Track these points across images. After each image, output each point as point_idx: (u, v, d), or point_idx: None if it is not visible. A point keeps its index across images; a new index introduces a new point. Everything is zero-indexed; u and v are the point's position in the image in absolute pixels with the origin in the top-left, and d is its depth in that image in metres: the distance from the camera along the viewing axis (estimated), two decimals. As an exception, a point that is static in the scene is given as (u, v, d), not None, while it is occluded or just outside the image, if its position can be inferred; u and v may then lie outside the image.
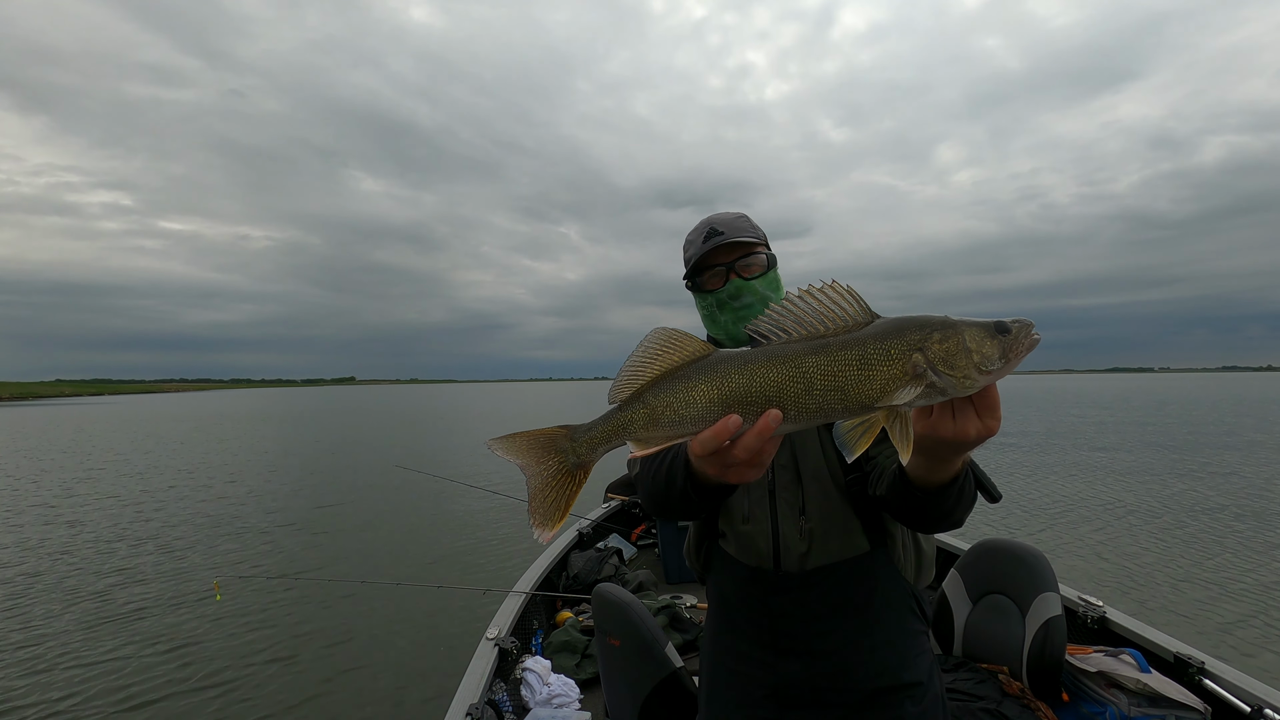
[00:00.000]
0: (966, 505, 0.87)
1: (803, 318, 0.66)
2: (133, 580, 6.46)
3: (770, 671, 1.10)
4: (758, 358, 0.66)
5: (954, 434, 0.66)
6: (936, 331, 0.63)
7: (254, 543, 7.94)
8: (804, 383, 0.64)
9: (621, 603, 1.86)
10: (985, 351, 0.62)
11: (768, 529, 1.11)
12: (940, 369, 0.62)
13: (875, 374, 0.63)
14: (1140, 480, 11.38)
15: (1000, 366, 0.62)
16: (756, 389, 0.64)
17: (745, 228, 1.16)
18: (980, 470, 0.91)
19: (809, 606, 1.08)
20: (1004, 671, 2.24)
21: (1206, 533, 7.70)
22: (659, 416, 0.67)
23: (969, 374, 0.62)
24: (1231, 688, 2.06)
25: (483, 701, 2.22)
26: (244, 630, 5.14)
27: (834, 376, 0.63)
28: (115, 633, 5.13)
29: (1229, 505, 9.19)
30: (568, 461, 0.70)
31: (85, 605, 5.75)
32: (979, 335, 0.63)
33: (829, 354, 0.64)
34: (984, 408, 0.65)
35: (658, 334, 0.69)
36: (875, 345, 0.64)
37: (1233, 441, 17.37)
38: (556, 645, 3.08)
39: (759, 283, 1.15)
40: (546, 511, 0.70)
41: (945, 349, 0.62)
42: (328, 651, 4.74)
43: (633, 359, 0.69)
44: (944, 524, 0.90)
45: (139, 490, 11.74)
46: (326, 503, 10.36)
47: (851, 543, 1.08)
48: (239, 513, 9.64)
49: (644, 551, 4.77)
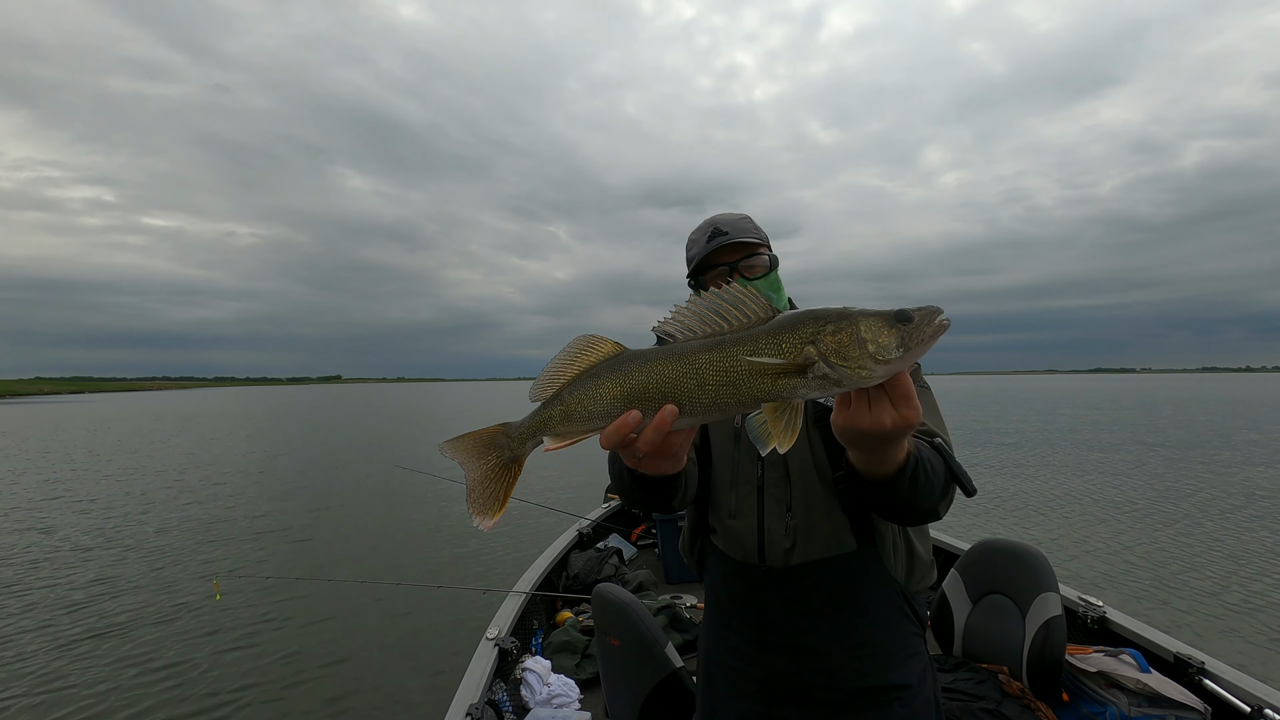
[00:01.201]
0: (929, 496, 0.86)
1: (705, 316, 0.69)
2: (132, 580, 6.46)
3: (759, 666, 1.12)
4: (657, 356, 0.69)
5: (871, 424, 0.67)
6: (830, 324, 0.64)
7: (253, 543, 7.94)
8: (698, 378, 0.66)
9: (621, 603, 1.86)
10: (881, 341, 0.62)
11: (753, 524, 1.12)
12: (833, 361, 0.63)
13: (766, 368, 0.64)
14: (1139, 480, 11.39)
15: (899, 356, 0.62)
16: (654, 385, 0.67)
17: (749, 228, 1.17)
18: (956, 463, 0.91)
19: (794, 603, 1.09)
20: (1004, 671, 2.24)
21: (1206, 533, 7.71)
22: (572, 413, 0.71)
23: (864, 364, 0.62)
24: (1231, 688, 2.06)
25: (483, 701, 2.22)
26: (244, 630, 5.14)
27: (727, 372, 0.65)
28: (115, 632, 5.13)
29: (1228, 505, 9.20)
30: (504, 456, 0.76)
31: (85, 606, 5.75)
32: (875, 325, 0.63)
33: (723, 350, 0.66)
34: (897, 397, 0.66)
35: (578, 339, 0.74)
36: (768, 340, 0.65)
37: (1229, 442, 17.38)
38: (556, 645, 3.08)
39: (761, 283, 1.15)
40: (486, 502, 0.75)
41: (838, 340, 0.63)
42: (328, 651, 4.74)
43: (554, 361, 0.74)
44: (912, 515, 0.90)
45: (125, 492, 11.59)
46: (326, 503, 10.35)
47: (837, 540, 1.07)
48: (236, 514, 9.62)
49: (644, 551, 4.77)
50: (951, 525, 8.12)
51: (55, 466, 15.23)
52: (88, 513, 9.72)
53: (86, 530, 8.60)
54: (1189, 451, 15.36)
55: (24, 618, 5.44)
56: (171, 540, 8.05)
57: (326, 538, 8.19)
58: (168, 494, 11.28)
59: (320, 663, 4.56)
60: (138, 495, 11.17)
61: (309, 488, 11.86)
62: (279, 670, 4.46)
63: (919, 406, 0.67)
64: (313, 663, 4.57)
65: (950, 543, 3.66)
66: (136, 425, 30.49)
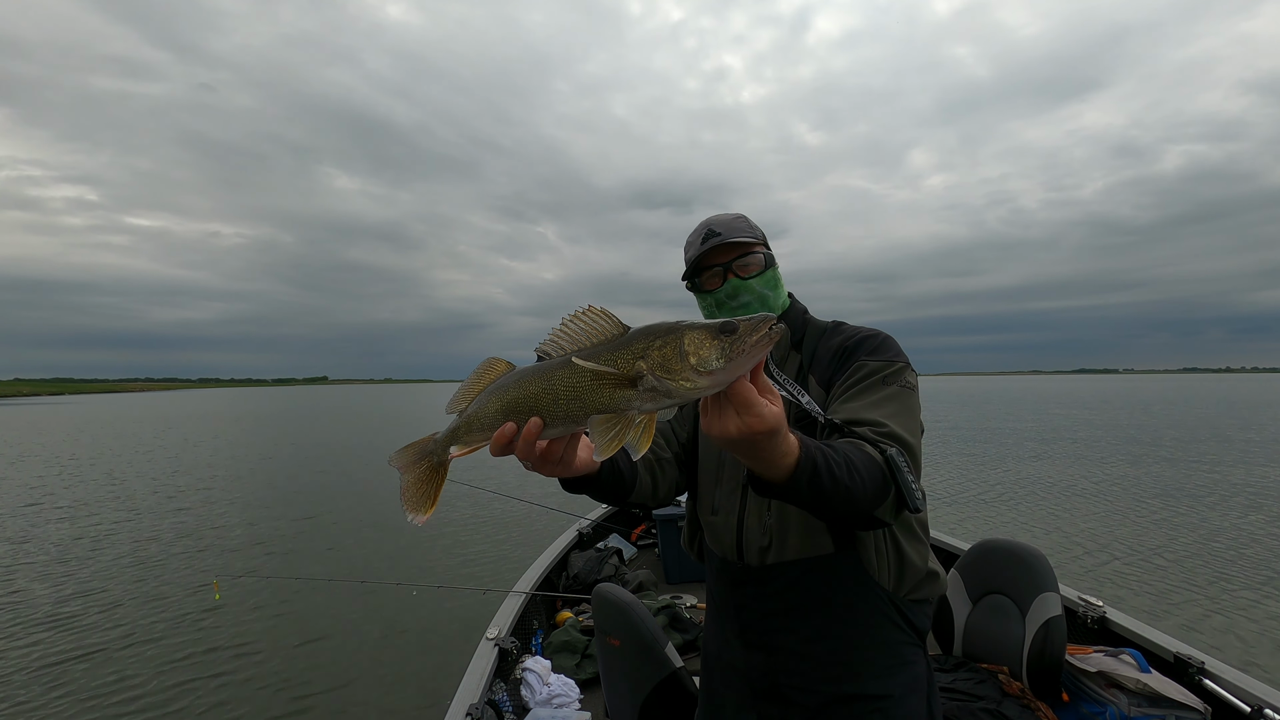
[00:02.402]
0: (843, 500, 0.81)
1: (574, 335, 0.75)
2: (130, 581, 6.47)
3: (742, 658, 1.14)
4: (526, 374, 0.76)
5: (720, 432, 0.69)
6: (659, 338, 0.68)
7: (251, 544, 7.95)
8: (552, 394, 0.73)
9: (621, 603, 1.86)
10: (703, 354, 0.65)
11: (733, 521, 1.14)
12: (659, 374, 0.67)
13: (604, 383, 0.69)
14: (1138, 480, 11.39)
15: (721, 367, 0.65)
16: (522, 400, 0.75)
17: (742, 228, 1.18)
18: (902, 476, 0.86)
19: (767, 601, 1.10)
20: (1004, 671, 2.24)
21: (1206, 532, 7.71)
22: (472, 424, 0.80)
23: (688, 376, 0.66)
24: (1231, 688, 2.06)
25: (483, 701, 2.22)
26: (244, 630, 5.15)
27: (574, 388, 0.71)
28: (116, 632, 5.13)
29: (1228, 505, 9.20)
30: (432, 461, 0.85)
31: (83, 606, 5.75)
32: (698, 338, 0.66)
33: (571, 367, 0.71)
34: (739, 405, 0.67)
35: (484, 361, 0.84)
36: (607, 356, 0.70)
37: (1226, 442, 17.38)
38: (556, 645, 3.08)
39: (756, 282, 1.16)
40: (416, 500, 0.84)
41: (663, 355, 0.67)
42: (328, 651, 4.75)
43: (466, 380, 0.84)
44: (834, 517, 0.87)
45: (112, 496, 11.54)
46: (323, 503, 10.36)
47: (814, 542, 1.06)
48: (231, 515, 9.61)
49: (644, 551, 4.77)
50: (952, 525, 8.13)
51: (36, 470, 14.83)
52: (74, 519, 9.60)
53: (78, 533, 8.59)
54: (1186, 451, 15.37)
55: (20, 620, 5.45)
56: (167, 541, 8.04)
57: (325, 538, 8.19)
58: (156, 498, 11.12)
59: (320, 662, 4.57)
60: (125, 499, 11.03)
61: (305, 489, 11.84)
62: (279, 670, 4.47)
63: (764, 414, 0.67)
64: (313, 662, 4.57)
65: (950, 543, 3.66)
66: (120, 427, 30.14)
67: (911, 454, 0.93)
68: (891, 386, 1.01)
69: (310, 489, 11.76)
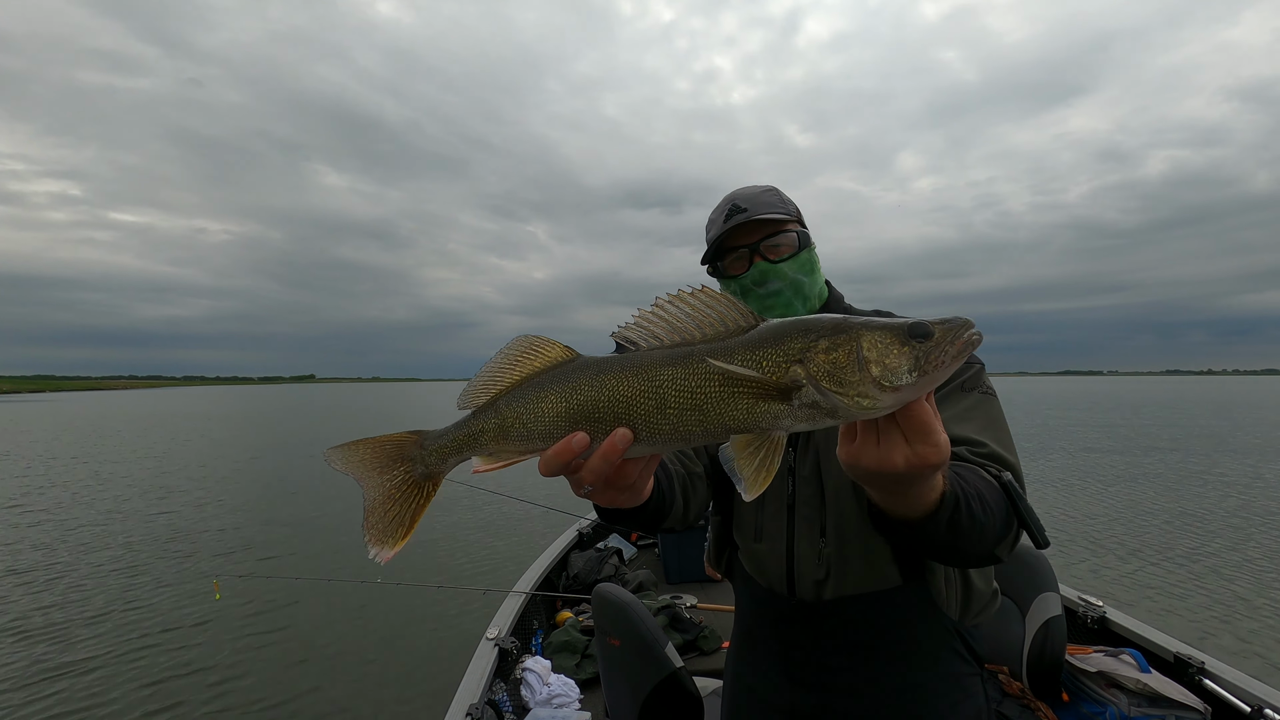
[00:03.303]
0: (977, 540, 0.71)
1: (677, 322, 0.57)
2: (126, 581, 6.46)
3: (785, 698, 1.00)
4: (613, 367, 0.56)
5: (878, 464, 0.55)
6: (824, 338, 0.52)
7: (248, 544, 7.94)
8: (658, 399, 0.54)
9: (621, 603, 1.86)
10: (889, 363, 0.50)
11: (781, 549, 0.98)
12: (826, 385, 0.50)
13: (742, 390, 0.52)
14: (1138, 480, 11.38)
15: (913, 381, 0.50)
16: (606, 403, 0.55)
17: (772, 202, 1.00)
18: (1025, 505, 0.76)
19: (825, 640, 0.96)
20: (1004, 671, 2.24)
21: (1205, 532, 7.70)
22: (509, 428, 0.58)
23: (865, 391, 0.50)
24: (1231, 688, 2.06)
25: (483, 701, 2.22)
26: (244, 629, 5.14)
27: (692, 394, 0.53)
28: (115, 632, 5.13)
29: (1227, 505, 9.19)
30: (415, 471, 0.62)
31: (82, 606, 5.75)
32: (882, 342, 0.51)
33: (689, 366, 0.53)
34: (912, 431, 0.53)
35: (520, 339, 0.61)
36: (746, 354, 0.53)
37: (1223, 442, 17.38)
38: (556, 645, 3.08)
39: (788, 265, 0.99)
40: (387, 527, 0.60)
41: (832, 360, 0.51)
42: (329, 651, 4.74)
43: (490, 364, 0.61)
44: (956, 559, 0.77)
45: (101, 496, 11.35)
46: (321, 503, 10.32)
47: (878, 574, 0.93)
48: (226, 514, 9.57)
49: (644, 551, 4.77)
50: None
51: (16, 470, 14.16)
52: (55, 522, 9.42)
53: (61, 536, 8.54)
54: (1183, 452, 15.36)
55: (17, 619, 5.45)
56: (159, 542, 8.01)
57: (323, 538, 8.18)
58: (145, 500, 10.86)
59: (320, 662, 4.56)
60: (109, 500, 10.67)
61: (298, 489, 11.76)
62: (279, 669, 4.46)
63: (941, 444, 0.54)
64: (313, 662, 4.57)
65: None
66: (104, 425, 29.61)
67: (1019, 479, 0.80)
68: (972, 394, 0.89)
69: (303, 489, 11.69)
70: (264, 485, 12.19)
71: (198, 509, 9.84)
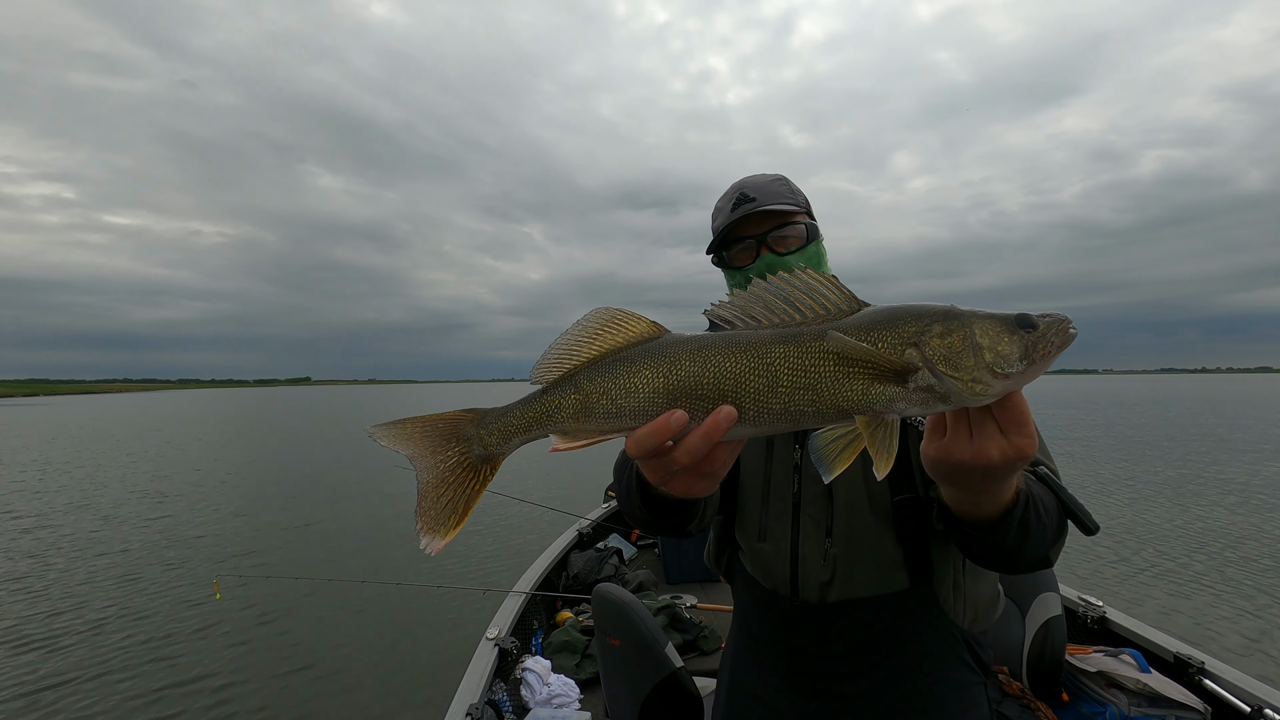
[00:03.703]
0: (1039, 541, 0.70)
1: (773, 303, 0.55)
2: (125, 581, 6.46)
3: (788, 704, 0.98)
4: (716, 343, 0.54)
5: (972, 456, 0.55)
6: (938, 323, 0.52)
7: (248, 544, 7.94)
8: (769, 376, 0.52)
9: (621, 603, 1.86)
10: (1001, 350, 0.50)
11: (786, 550, 0.95)
12: (942, 369, 0.50)
13: (857, 372, 0.51)
14: (1137, 479, 11.37)
15: (1021, 370, 0.50)
16: (710, 380, 0.53)
17: (781, 192, 0.98)
18: (1069, 495, 0.74)
19: (830, 644, 0.93)
20: (1004, 671, 2.24)
21: (1206, 532, 7.70)
22: (593, 405, 0.55)
23: (979, 377, 0.50)
24: (1231, 688, 2.06)
25: (483, 701, 2.22)
26: (244, 630, 5.14)
27: (806, 372, 0.51)
28: (114, 633, 5.13)
29: (1227, 504, 9.19)
30: (471, 452, 0.57)
31: (79, 612, 5.75)
32: (994, 329, 0.51)
33: (801, 344, 0.52)
34: (1008, 422, 0.53)
35: (599, 311, 0.58)
36: (859, 337, 0.52)
37: (1220, 442, 17.36)
38: (556, 645, 3.08)
39: (795, 258, 0.97)
40: (440, 514, 0.56)
41: (948, 344, 0.51)
42: (328, 651, 4.74)
43: (566, 336, 0.57)
44: (1016, 564, 0.74)
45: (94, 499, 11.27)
46: (321, 504, 10.34)
47: (886, 576, 0.91)
48: (225, 516, 9.55)
49: (644, 551, 4.77)
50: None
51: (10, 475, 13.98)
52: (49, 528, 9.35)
53: (54, 542, 8.54)
54: (1182, 450, 15.35)
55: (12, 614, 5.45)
56: (163, 548, 8.00)
57: (323, 539, 8.18)
58: (144, 504, 10.75)
59: (321, 662, 4.56)
60: (105, 504, 10.55)
61: (297, 491, 11.74)
62: (279, 669, 4.46)
63: (1035, 435, 0.54)
64: (313, 662, 4.57)
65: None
66: (99, 428, 29.35)
67: (1056, 474, 0.79)
68: None
69: (303, 491, 11.68)
70: (262, 488, 12.16)
71: (196, 512, 9.84)
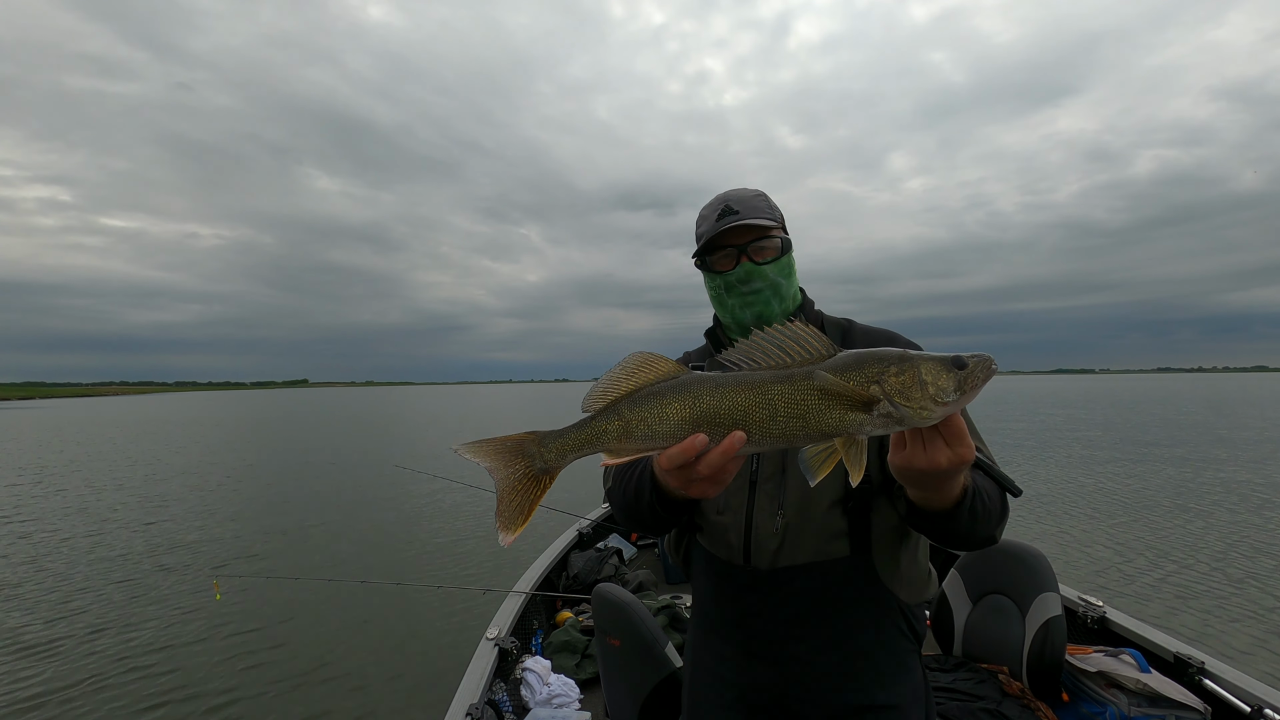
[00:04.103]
0: (988, 522, 0.87)
1: (769, 350, 0.72)
2: (124, 581, 6.47)
3: (741, 674, 1.08)
4: (729, 382, 0.71)
5: (927, 464, 0.71)
6: (894, 365, 0.68)
7: (252, 544, 7.94)
8: (769, 409, 0.69)
9: (621, 603, 1.86)
10: (940, 384, 0.67)
11: (742, 520, 1.06)
12: (897, 400, 0.67)
13: (835, 404, 0.68)
14: (1137, 479, 11.38)
15: (956, 399, 0.67)
16: (725, 411, 0.70)
17: (762, 208, 1.10)
18: (997, 470, 0.92)
19: (778, 608, 1.04)
20: (1004, 671, 2.24)
21: (1206, 531, 7.70)
22: (633, 429, 0.72)
23: (925, 405, 0.67)
24: (1231, 688, 2.06)
25: (483, 701, 2.22)
26: (244, 629, 5.14)
27: (797, 404, 0.69)
28: (115, 632, 5.13)
29: (1228, 504, 9.19)
30: (534, 466, 0.75)
31: (80, 607, 5.75)
32: (935, 369, 0.67)
33: (794, 382, 0.69)
34: (951, 437, 0.70)
35: (635, 355, 0.76)
36: (836, 376, 0.69)
37: (1221, 442, 17.36)
38: (556, 645, 3.08)
39: (771, 268, 1.09)
40: (511, 515, 0.74)
41: (902, 381, 0.67)
42: (328, 651, 4.74)
43: (610, 374, 0.75)
44: (969, 543, 0.90)
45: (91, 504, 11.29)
46: (320, 505, 10.33)
47: (829, 545, 1.02)
48: (225, 516, 9.53)
49: (644, 551, 4.77)
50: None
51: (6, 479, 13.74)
52: (47, 532, 9.38)
53: (51, 548, 8.56)
54: (1183, 450, 15.35)
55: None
56: (162, 552, 7.99)
57: (324, 538, 8.18)
58: (145, 505, 10.73)
59: (320, 662, 4.56)
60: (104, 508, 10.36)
61: (297, 493, 11.69)
62: (279, 669, 4.46)
63: (973, 445, 0.71)
64: (313, 662, 4.57)
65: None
66: (96, 432, 28.87)
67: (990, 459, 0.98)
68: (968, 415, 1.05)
69: (303, 493, 11.64)
70: (261, 491, 12.11)
71: (195, 515, 9.81)
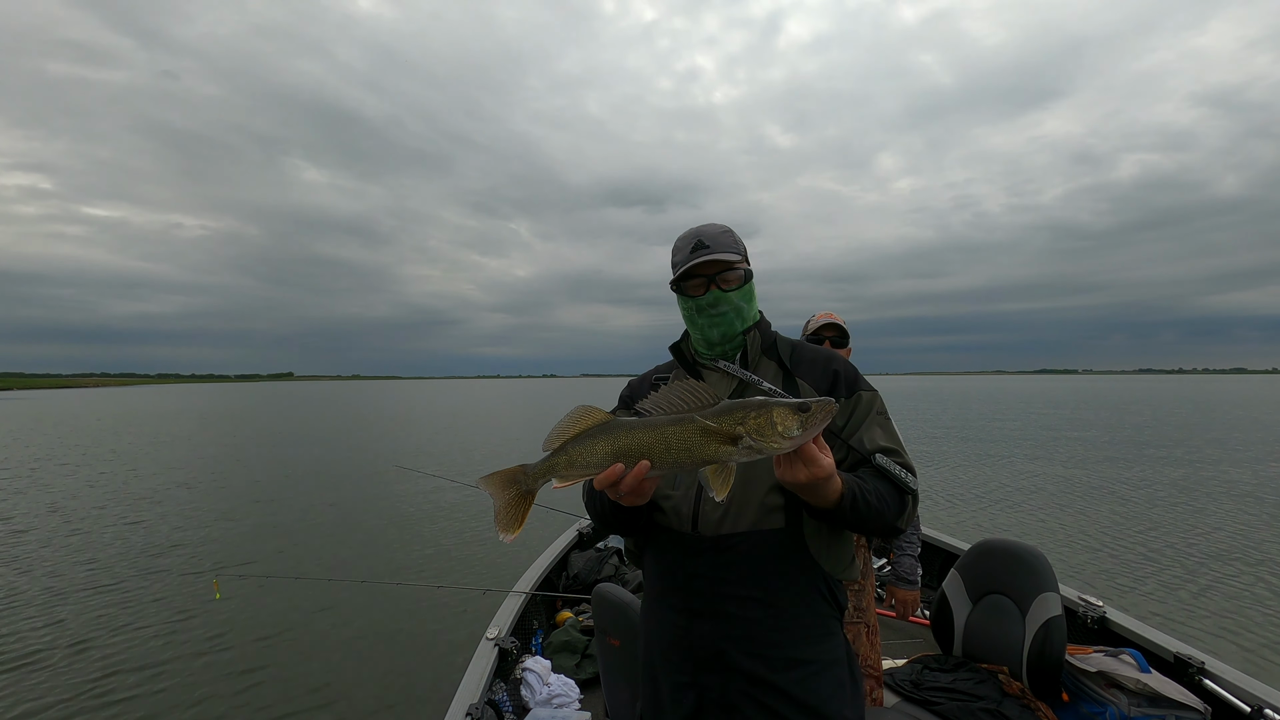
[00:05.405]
0: (878, 519, 1.11)
1: (672, 400, 1.00)
2: (123, 581, 6.46)
3: (687, 633, 1.23)
4: (637, 426, 0.99)
5: (790, 478, 0.98)
6: (754, 411, 0.93)
7: (252, 543, 7.93)
8: (665, 444, 0.97)
9: (621, 603, 1.87)
10: (787, 424, 0.92)
11: (692, 494, 1.25)
12: (754, 437, 0.92)
13: (711, 440, 0.94)
14: (1137, 479, 11.39)
15: (799, 434, 0.92)
16: (634, 446, 0.98)
17: (729, 244, 1.32)
18: (894, 473, 1.16)
19: (720, 570, 1.21)
20: (1004, 671, 2.24)
21: (1206, 532, 7.71)
22: (574, 461, 1.02)
23: (775, 440, 0.92)
24: (1231, 688, 2.06)
25: (483, 701, 2.22)
26: (244, 629, 5.14)
27: (685, 441, 0.96)
28: (115, 633, 5.13)
29: (1227, 504, 9.20)
30: (522, 489, 1.07)
31: (81, 606, 5.75)
32: (784, 413, 0.92)
33: (683, 425, 0.96)
34: (805, 459, 0.96)
35: (579, 408, 1.05)
36: (714, 420, 0.95)
37: (1217, 443, 17.38)
38: (556, 645, 3.08)
39: (735, 294, 1.32)
40: (508, 523, 1.07)
41: (759, 423, 0.92)
42: (328, 651, 4.74)
43: (561, 422, 1.05)
44: (869, 532, 1.15)
45: (88, 496, 11.27)
46: (319, 503, 10.31)
47: (767, 517, 1.20)
48: (215, 517, 9.46)
49: (644, 551, 4.77)
50: (952, 525, 8.13)
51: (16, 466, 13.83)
52: (25, 530, 9.42)
53: (31, 548, 8.58)
54: (1181, 451, 15.37)
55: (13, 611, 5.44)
56: (154, 555, 7.98)
57: (321, 539, 8.16)
58: (132, 501, 10.68)
59: (320, 662, 4.56)
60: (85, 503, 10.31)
61: (290, 490, 11.64)
62: (278, 669, 4.46)
63: (824, 464, 0.96)
64: (313, 662, 4.56)
65: (950, 543, 3.65)
66: (77, 424, 28.48)
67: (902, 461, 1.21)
68: (885, 415, 1.30)
69: (296, 490, 11.59)
70: (252, 487, 12.05)
71: (186, 511, 9.76)
